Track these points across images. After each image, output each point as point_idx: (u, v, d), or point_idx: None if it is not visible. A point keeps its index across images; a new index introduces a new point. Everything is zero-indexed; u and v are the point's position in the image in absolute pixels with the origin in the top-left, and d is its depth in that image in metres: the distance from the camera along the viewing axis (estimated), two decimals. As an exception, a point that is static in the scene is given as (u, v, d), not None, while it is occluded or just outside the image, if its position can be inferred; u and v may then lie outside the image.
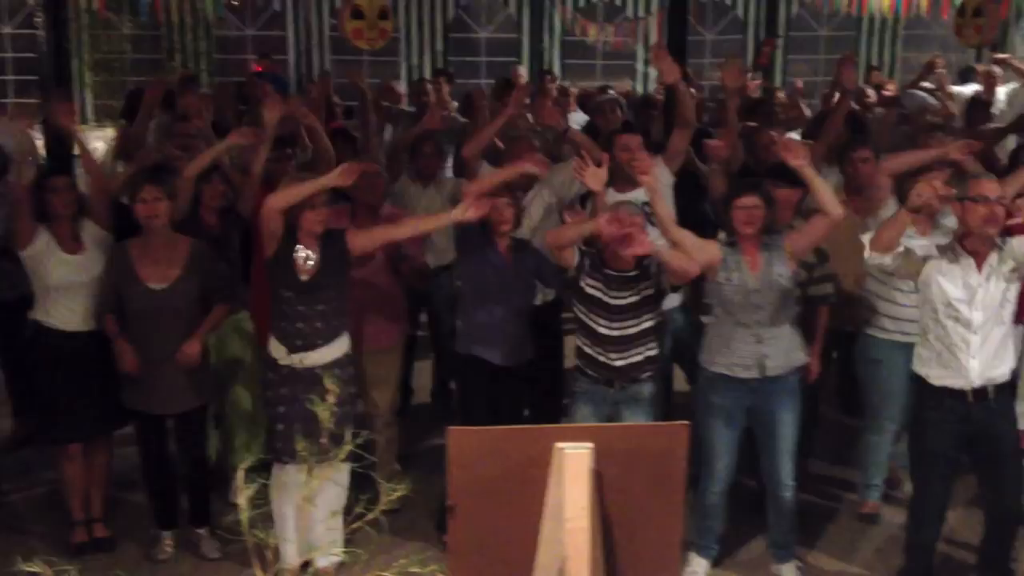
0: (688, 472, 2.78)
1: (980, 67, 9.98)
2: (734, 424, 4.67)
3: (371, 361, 5.22)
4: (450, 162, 6.71)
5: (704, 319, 4.90)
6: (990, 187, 4.12)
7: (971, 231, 4.20)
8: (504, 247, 4.94)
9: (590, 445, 2.65)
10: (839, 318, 5.29)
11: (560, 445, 2.65)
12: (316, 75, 13.49)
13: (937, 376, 4.31)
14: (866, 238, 4.35)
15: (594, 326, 4.60)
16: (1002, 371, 4.28)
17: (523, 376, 5.10)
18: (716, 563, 4.90)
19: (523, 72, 11.45)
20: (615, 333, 4.58)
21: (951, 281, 4.19)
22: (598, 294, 4.56)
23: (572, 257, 4.60)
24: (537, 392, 5.59)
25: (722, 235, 4.67)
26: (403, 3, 13.63)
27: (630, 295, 4.56)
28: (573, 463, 2.62)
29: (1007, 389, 4.34)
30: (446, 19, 13.79)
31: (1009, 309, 4.25)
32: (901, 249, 4.25)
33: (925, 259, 4.27)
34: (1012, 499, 4.38)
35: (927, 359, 4.36)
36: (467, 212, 4.57)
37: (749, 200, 4.51)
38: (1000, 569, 4.53)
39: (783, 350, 4.61)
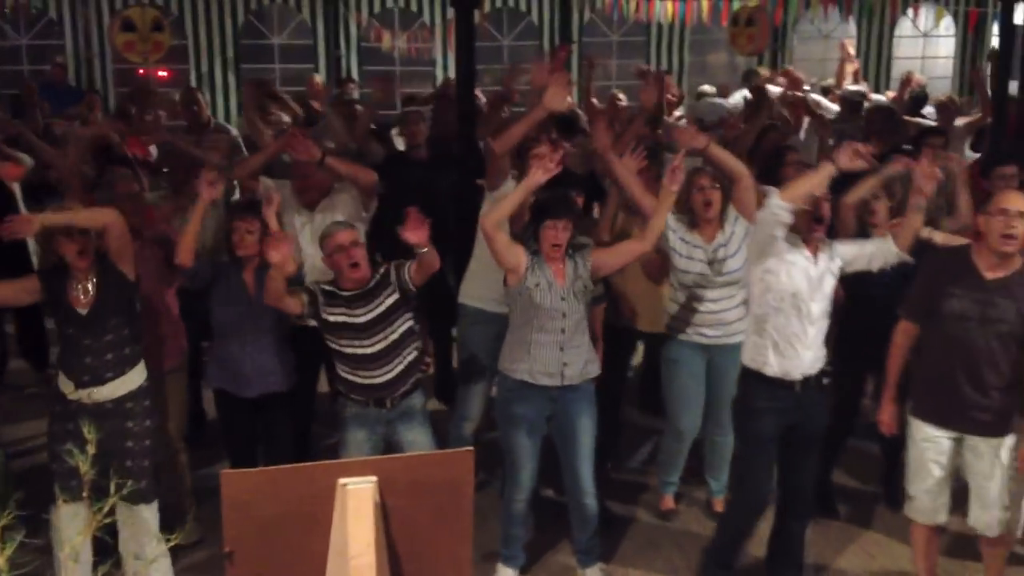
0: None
1: (763, 71, 10.53)
2: (536, 433, 4.72)
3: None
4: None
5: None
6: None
7: (798, 230, 4.40)
8: (250, 274, 4.84)
9: (373, 479, 2.57)
10: (627, 318, 5.47)
11: (342, 481, 2.55)
12: (98, 85, 12.87)
13: (773, 365, 4.45)
14: (773, 193, 4.38)
15: (350, 350, 4.54)
16: (821, 362, 4.52)
17: (283, 405, 4.99)
18: (523, 571, 4.93)
19: (320, 80, 11.21)
20: (373, 349, 4.53)
21: (798, 273, 4.37)
22: (343, 319, 4.50)
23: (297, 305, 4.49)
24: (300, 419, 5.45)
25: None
26: (189, 9, 13.12)
27: (375, 307, 4.52)
28: (356, 499, 2.52)
29: (821, 375, 4.56)
30: (236, 25, 13.34)
31: (829, 301, 4.49)
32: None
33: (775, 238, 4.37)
34: (810, 485, 4.63)
35: (762, 349, 4.48)
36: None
37: (561, 223, 4.57)
38: (793, 559, 4.73)
39: (582, 359, 4.69)
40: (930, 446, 4.38)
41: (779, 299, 4.38)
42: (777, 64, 13.50)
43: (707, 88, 10.71)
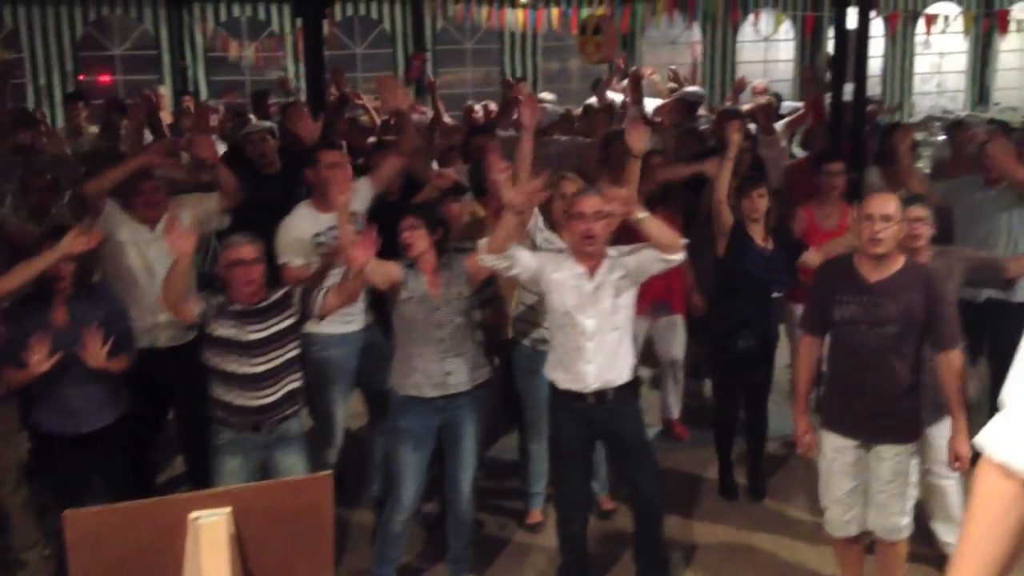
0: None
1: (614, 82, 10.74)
2: (423, 447, 4.68)
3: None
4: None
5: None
6: (588, 203, 4.29)
7: (572, 246, 4.41)
8: (60, 305, 4.53)
9: (227, 510, 2.47)
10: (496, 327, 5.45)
11: (194, 515, 2.45)
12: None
13: (561, 380, 4.48)
14: (482, 242, 4.39)
15: (232, 368, 4.39)
16: (619, 373, 4.46)
17: (117, 437, 4.72)
18: (393, 588, 4.85)
19: (164, 92, 10.85)
20: (257, 369, 4.40)
21: (567, 290, 4.37)
22: (231, 333, 4.36)
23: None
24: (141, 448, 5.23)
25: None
26: (25, 21, 12.52)
27: (268, 327, 4.40)
28: (209, 533, 2.42)
29: (627, 389, 4.52)
30: (75, 36, 12.80)
31: (623, 314, 4.43)
32: (511, 253, 4.31)
33: (539, 266, 4.39)
34: (650, 489, 4.60)
35: (554, 364, 4.54)
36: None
37: (406, 223, 4.54)
38: (655, 556, 4.79)
39: (467, 367, 4.67)
40: (838, 456, 4.36)
41: (556, 317, 4.43)
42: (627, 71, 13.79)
43: (546, 95, 10.84)
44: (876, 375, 4.23)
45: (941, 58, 16.01)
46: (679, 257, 4.33)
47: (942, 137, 9.42)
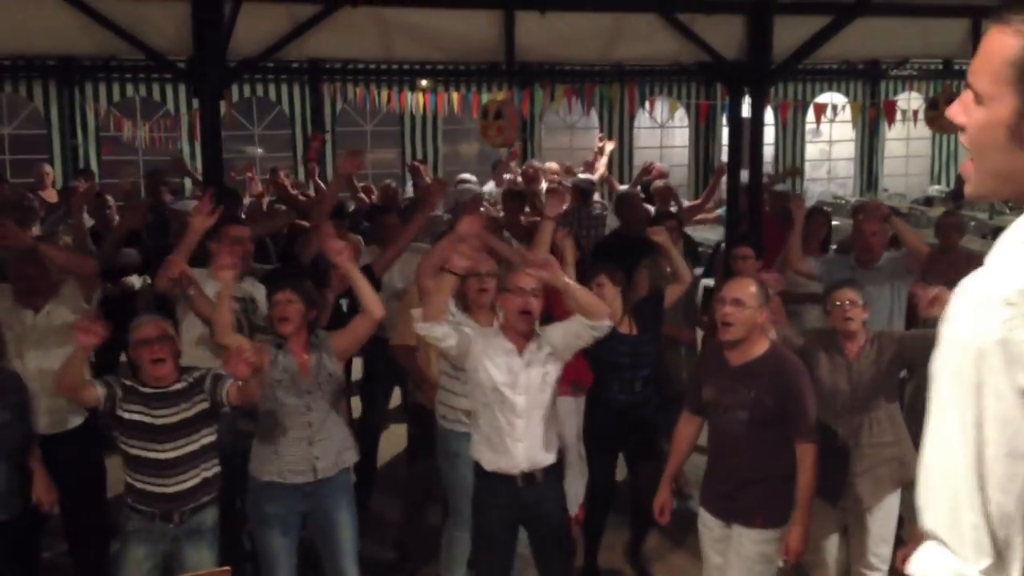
0: None
1: (512, 164, 10.80)
2: (291, 532, 4.45)
3: None
4: None
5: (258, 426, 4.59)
6: (523, 279, 4.21)
7: (507, 322, 4.30)
8: None
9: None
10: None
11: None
12: None
13: (488, 460, 4.33)
14: (417, 312, 4.27)
15: (142, 453, 4.14)
16: (547, 455, 4.34)
17: (26, 528, 4.47)
18: None
19: (49, 170, 10.50)
20: (167, 455, 4.15)
21: (496, 366, 4.25)
22: (140, 417, 4.12)
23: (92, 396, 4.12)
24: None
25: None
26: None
27: (178, 411, 4.17)
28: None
29: (553, 471, 4.41)
30: (-39, 115, 12.38)
31: (550, 392, 4.34)
32: (445, 324, 4.22)
33: (471, 340, 4.28)
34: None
35: (479, 444, 4.37)
36: None
37: (283, 295, 4.37)
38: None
39: (335, 450, 4.48)
40: (706, 531, 4.40)
41: (484, 394, 4.32)
42: (527, 154, 13.92)
43: (467, 176, 10.83)
44: (731, 457, 4.25)
45: (831, 146, 16.60)
46: (607, 324, 4.24)
47: (835, 222, 9.66)
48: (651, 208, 7.94)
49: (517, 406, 4.27)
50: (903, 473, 4.55)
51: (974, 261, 1.40)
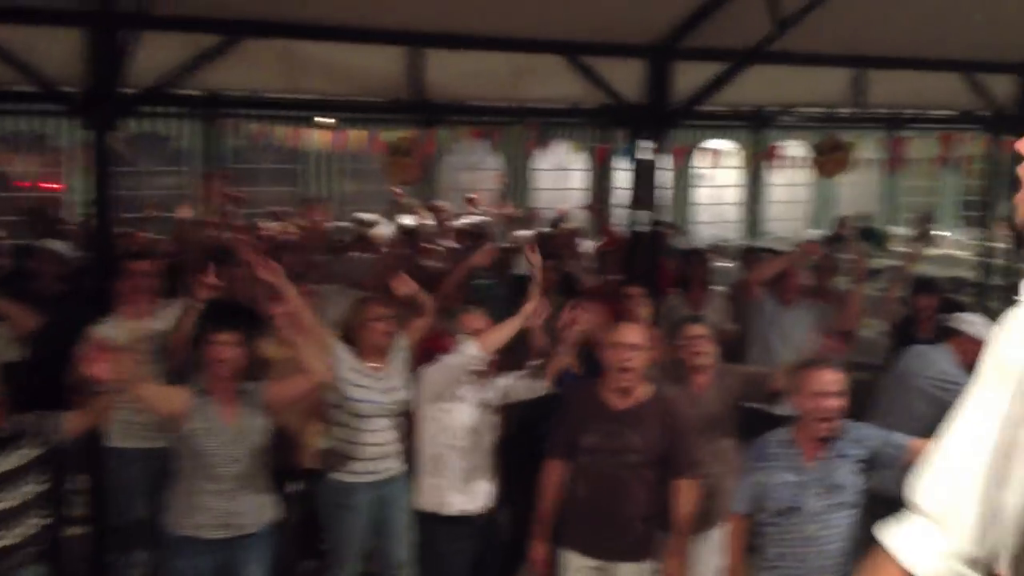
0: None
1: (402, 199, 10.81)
2: None
3: None
4: None
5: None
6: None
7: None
8: None
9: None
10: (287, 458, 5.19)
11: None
12: None
13: (457, 503, 4.39)
14: (470, 342, 4.36)
15: None
16: (493, 493, 4.50)
17: None
18: None
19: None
20: None
21: (468, 407, 4.28)
22: None
23: None
24: None
25: None
26: None
27: (2, 460, 3.90)
28: None
29: (492, 511, 4.62)
30: None
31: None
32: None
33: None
34: None
35: (444, 490, 4.34)
36: None
37: (225, 337, 4.21)
38: None
39: (255, 505, 4.34)
40: (576, 573, 4.43)
41: (455, 436, 4.33)
42: (428, 193, 13.92)
43: (366, 216, 10.77)
44: (616, 499, 4.34)
45: (718, 190, 17.06)
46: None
47: (726, 263, 9.94)
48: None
49: (486, 443, 4.32)
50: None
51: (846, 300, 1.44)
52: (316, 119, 11.68)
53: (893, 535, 1.52)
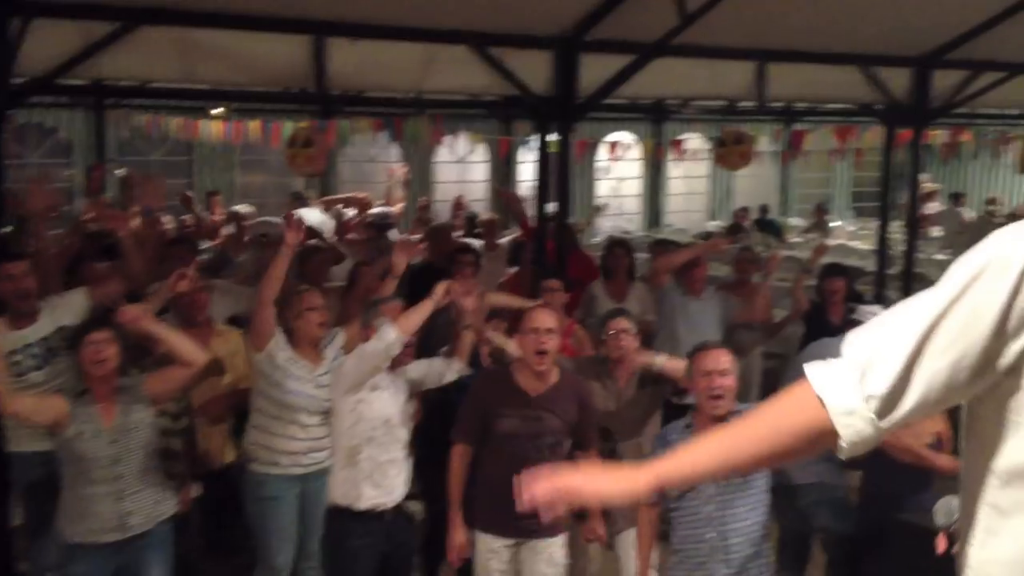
0: None
1: (311, 197, 10.60)
2: None
3: None
4: None
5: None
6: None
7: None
8: None
9: None
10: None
11: None
12: None
13: (367, 497, 4.31)
14: (388, 326, 4.29)
15: None
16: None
17: None
18: None
19: None
20: None
21: (388, 398, 4.26)
22: None
23: None
24: None
25: None
26: None
27: None
28: None
29: (402, 506, 4.58)
30: None
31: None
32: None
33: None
34: None
35: (357, 483, 4.32)
36: None
37: (100, 335, 4.07)
38: None
39: (149, 503, 4.21)
40: (493, 556, 4.47)
41: (373, 427, 4.27)
42: (327, 185, 13.69)
43: (241, 209, 10.46)
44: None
45: (619, 183, 17.22)
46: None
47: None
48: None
49: (402, 437, 4.32)
50: None
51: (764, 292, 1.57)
52: (211, 110, 11.35)
53: (817, 369, 1.63)
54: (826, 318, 6.47)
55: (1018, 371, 1.50)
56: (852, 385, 1.57)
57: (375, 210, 10.11)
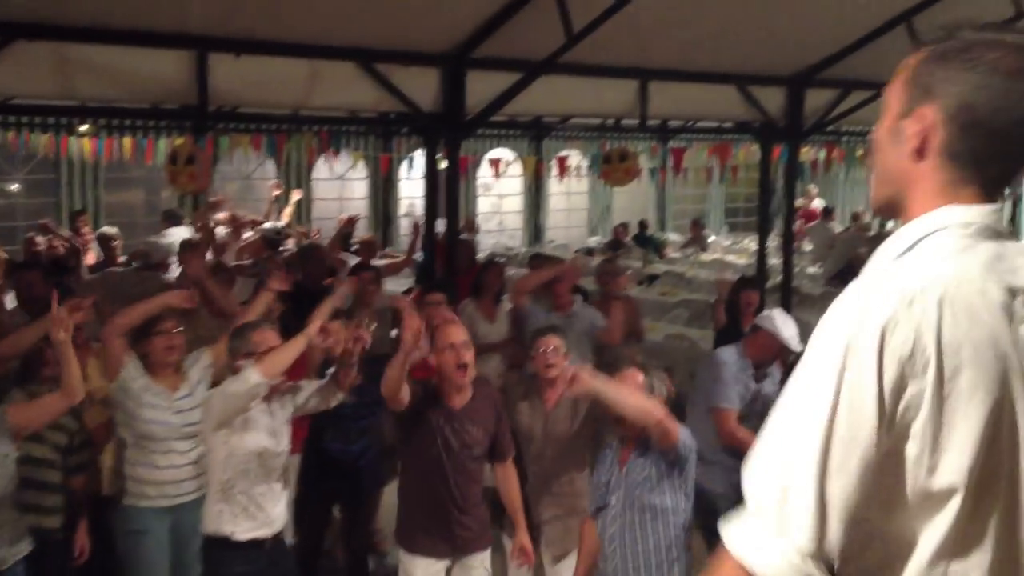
0: None
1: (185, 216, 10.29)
2: None
3: None
4: None
5: None
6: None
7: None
8: None
9: None
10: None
11: None
12: None
13: (245, 529, 4.15)
14: (251, 369, 4.09)
15: None
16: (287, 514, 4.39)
17: None
18: None
19: None
20: None
21: (261, 430, 4.14)
22: None
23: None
24: None
25: None
26: None
27: None
28: None
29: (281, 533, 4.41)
30: None
31: None
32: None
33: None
34: None
35: (232, 516, 4.14)
36: None
37: None
38: None
39: (5, 542, 4.00)
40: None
41: (246, 461, 4.12)
42: (202, 204, 13.29)
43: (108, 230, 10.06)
44: (462, 494, 4.44)
45: (501, 199, 17.29)
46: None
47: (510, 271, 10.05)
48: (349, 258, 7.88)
49: (278, 467, 4.20)
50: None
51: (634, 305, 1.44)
52: (75, 127, 10.88)
53: (734, 534, 1.48)
54: (739, 329, 6.55)
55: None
56: (777, 544, 1.42)
57: (266, 225, 9.88)
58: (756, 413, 5.13)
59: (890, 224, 15.94)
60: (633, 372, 4.11)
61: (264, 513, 4.18)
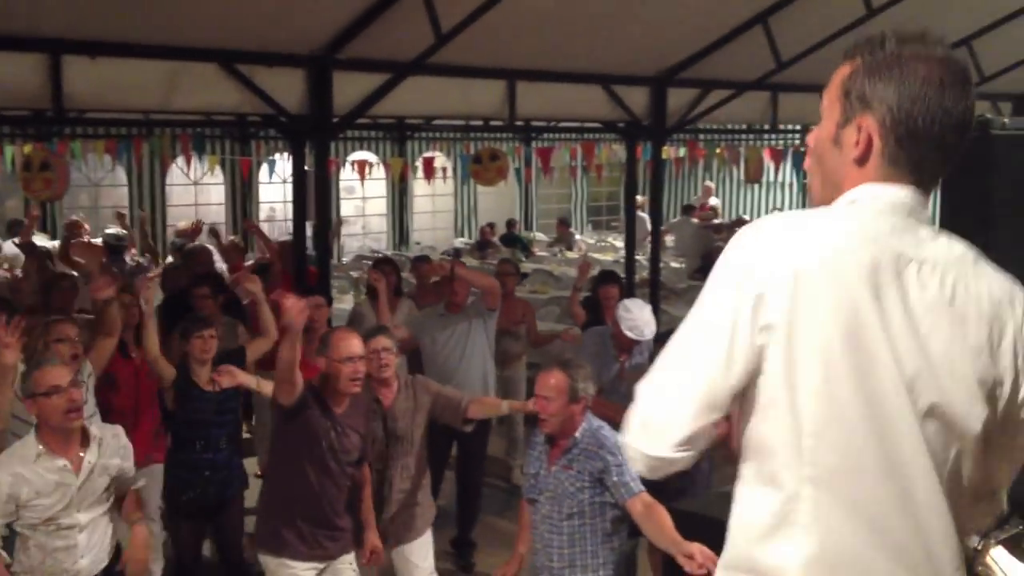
0: None
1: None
2: None
3: None
4: None
5: None
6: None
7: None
8: None
9: None
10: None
11: None
12: None
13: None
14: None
15: None
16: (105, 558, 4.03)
17: None
18: None
19: None
20: None
21: (57, 489, 3.78)
22: None
23: None
24: None
25: None
26: None
27: None
28: None
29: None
30: None
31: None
32: None
33: None
34: None
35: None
36: None
37: None
38: None
39: None
40: None
41: (39, 518, 3.82)
42: (49, 212, 12.68)
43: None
44: (338, 497, 4.50)
45: (364, 202, 17.07)
46: None
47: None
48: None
49: (82, 521, 3.89)
50: (432, 513, 5.06)
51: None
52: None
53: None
54: (602, 322, 6.66)
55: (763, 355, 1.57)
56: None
57: (108, 231, 9.54)
58: (622, 389, 5.37)
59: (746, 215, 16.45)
60: (556, 372, 4.09)
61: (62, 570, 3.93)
